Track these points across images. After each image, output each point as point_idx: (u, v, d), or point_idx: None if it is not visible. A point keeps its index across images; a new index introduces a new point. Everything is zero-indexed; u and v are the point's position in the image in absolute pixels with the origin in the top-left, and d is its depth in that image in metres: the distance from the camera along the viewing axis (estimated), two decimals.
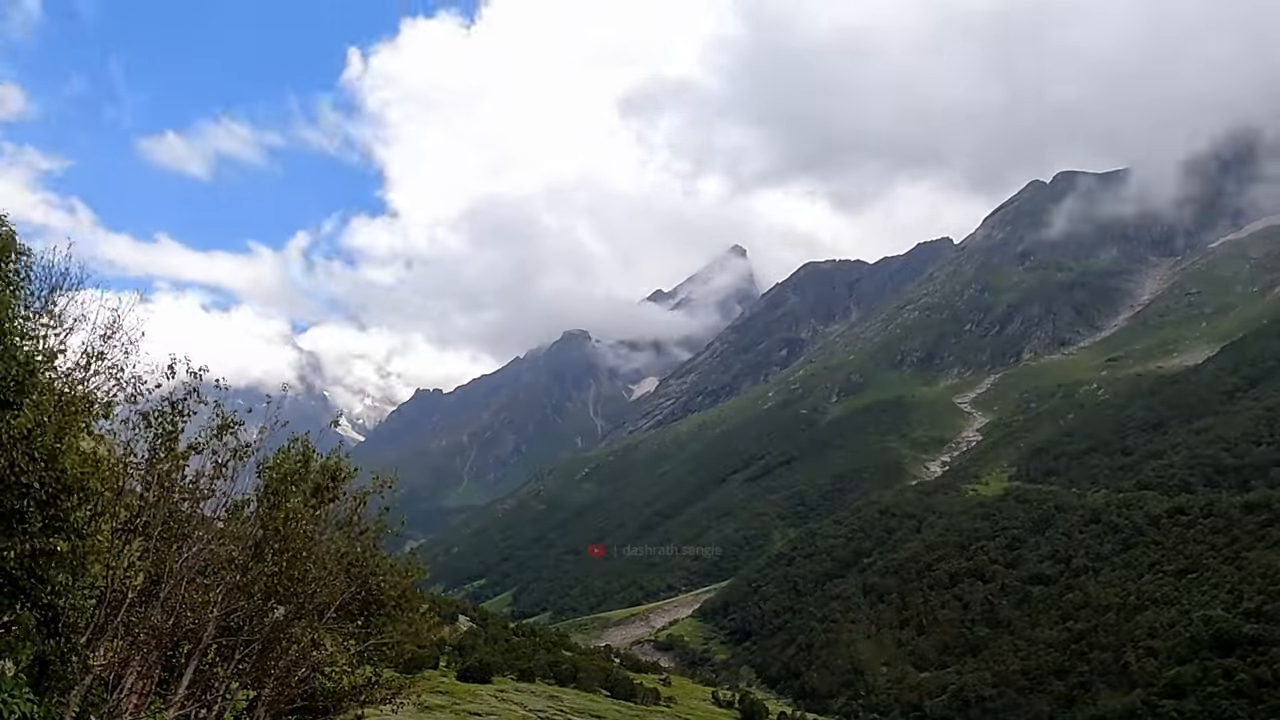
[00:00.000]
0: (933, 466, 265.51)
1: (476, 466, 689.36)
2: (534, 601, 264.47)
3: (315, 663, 20.68)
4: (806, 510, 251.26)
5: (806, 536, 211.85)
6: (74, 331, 17.44)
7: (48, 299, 16.84)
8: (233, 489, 19.85)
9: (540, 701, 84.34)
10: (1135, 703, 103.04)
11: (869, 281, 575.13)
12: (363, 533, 22.88)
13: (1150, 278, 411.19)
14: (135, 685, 17.81)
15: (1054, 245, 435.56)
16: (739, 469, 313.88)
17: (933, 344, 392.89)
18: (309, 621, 20.33)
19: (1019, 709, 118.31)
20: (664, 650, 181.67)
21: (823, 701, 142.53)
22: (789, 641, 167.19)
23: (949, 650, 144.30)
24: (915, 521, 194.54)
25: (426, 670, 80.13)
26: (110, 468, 16.94)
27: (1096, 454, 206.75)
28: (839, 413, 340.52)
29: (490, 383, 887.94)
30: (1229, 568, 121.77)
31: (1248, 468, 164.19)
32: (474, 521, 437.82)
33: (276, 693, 20.05)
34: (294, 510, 19.54)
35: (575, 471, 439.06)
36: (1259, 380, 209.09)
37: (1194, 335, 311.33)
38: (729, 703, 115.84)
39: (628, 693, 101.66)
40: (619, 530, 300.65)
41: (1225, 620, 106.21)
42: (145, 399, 18.36)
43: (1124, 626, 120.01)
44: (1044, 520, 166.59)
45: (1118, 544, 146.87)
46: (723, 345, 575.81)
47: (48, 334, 16.36)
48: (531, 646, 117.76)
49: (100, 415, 17.12)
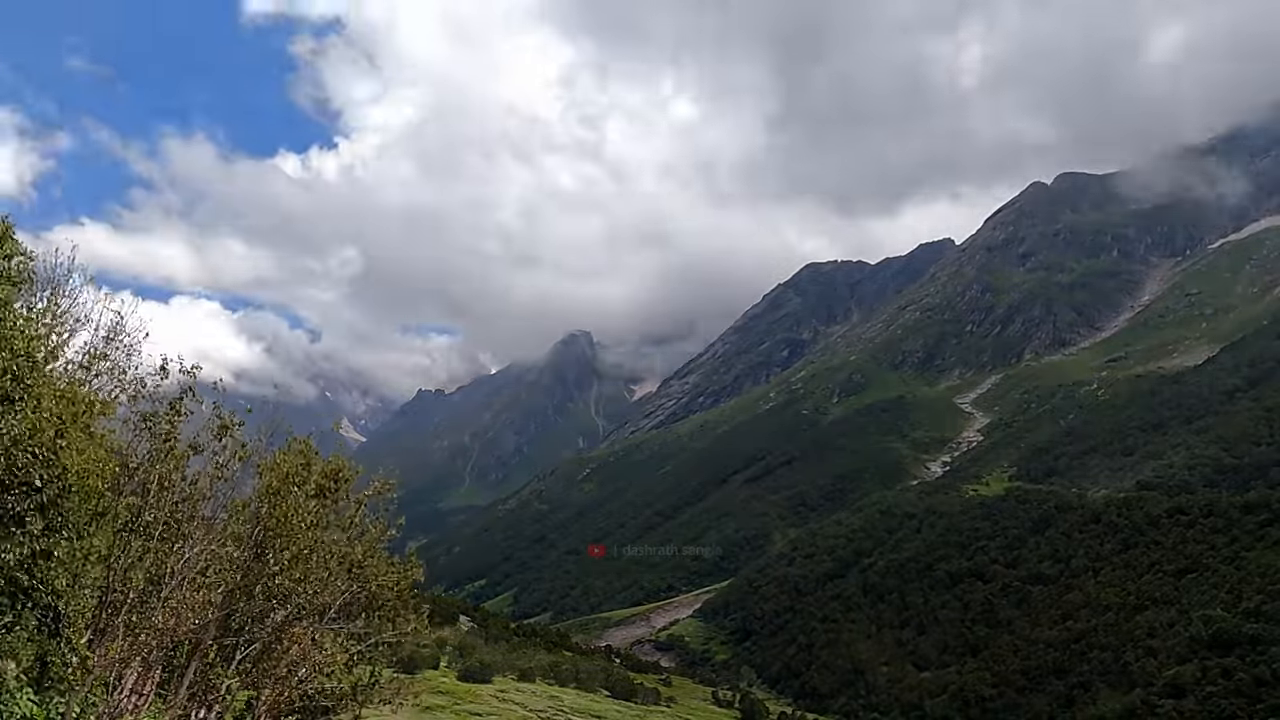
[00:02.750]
0: (933, 466, 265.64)
1: (478, 467, 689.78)
2: (535, 602, 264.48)
3: (316, 663, 20.78)
4: (807, 510, 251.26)
5: (807, 536, 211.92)
6: (76, 333, 17.59)
7: (50, 299, 16.99)
8: (233, 490, 19.99)
9: (541, 702, 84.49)
10: (1135, 702, 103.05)
11: (871, 282, 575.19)
12: (363, 534, 22.98)
13: (1151, 278, 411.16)
14: (136, 686, 17.93)
15: (1055, 246, 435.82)
16: (740, 469, 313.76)
17: (934, 344, 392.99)
18: (310, 622, 20.45)
19: (1019, 709, 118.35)
20: (664, 650, 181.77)
21: (823, 701, 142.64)
22: (789, 641, 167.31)
23: (949, 650, 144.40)
24: (916, 521, 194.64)
25: (427, 670, 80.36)
26: (111, 468, 17.09)
27: (1097, 454, 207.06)
28: (840, 413, 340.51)
29: (492, 383, 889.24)
30: (1228, 568, 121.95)
31: (1248, 468, 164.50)
32: (475, 522, 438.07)
33: (277, 693, 20.13)
34: (294, 510, 19.67)
35: (577, 472, 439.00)
36: (1259, 381, 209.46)
37: (1194, 336, 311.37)
38: (729, 703, 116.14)
39: (628, 693, 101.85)
40: (620, 530, 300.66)
41: (1225, 620, 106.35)
42: (145, 400, 18.51)
43: (1124, 626, 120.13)
44: (1044, 520, 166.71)
45: (1118, 544, 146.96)
46: (724, 346, 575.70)
47: (49, 333, 16.50)
48: (532, 647, 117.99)
49: (101, 414, 17.27)
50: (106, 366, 17.86)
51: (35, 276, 16.30)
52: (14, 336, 14.40)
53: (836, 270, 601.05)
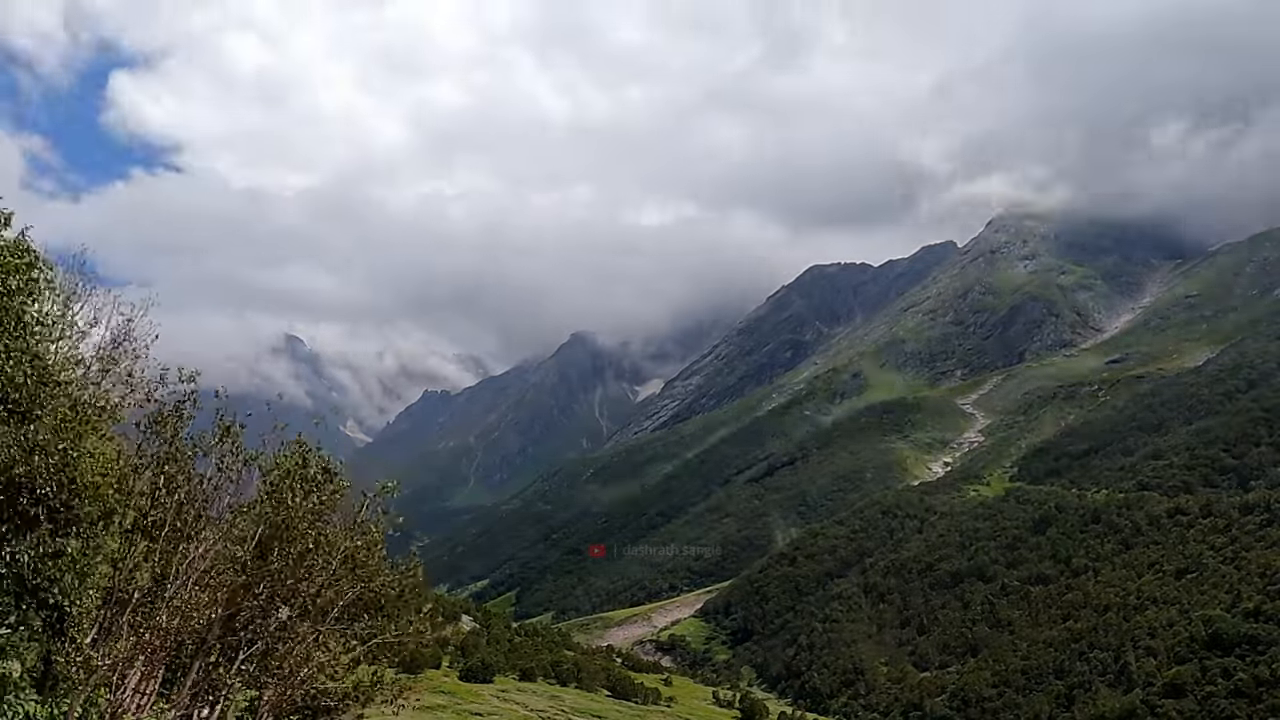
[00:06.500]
0: (935, 467, 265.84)
1: (483, 467, 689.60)
2: (537, 601, 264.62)
3: (318, 663, 21.06)
4: (809, 510, 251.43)
5: (808, 536, 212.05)
6: (87, 336, 17.97)
7: (64, 307, 17.33)
8: (237, 490, 20.31)
9: (542, 701, 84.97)
10: (1134, 702, 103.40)
11: (874, 284, 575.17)
12: (364, 533, 23.15)
13: (1151, 280, 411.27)
14: (139, 685, 18.21)
15: (1056, 248, 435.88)
16: (742, 469, 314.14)
17: (936, 346, 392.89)
18: (313, 622, 20.76)
19: (1019, 709, 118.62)
20: (665, 650, 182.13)
21: (823, 701, 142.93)
22: (790, 641, 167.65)
23: (949, 650, 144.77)
24: (917, 521, 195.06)
25: (429, 670, 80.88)
26: (120, 470, 17.46)
27: (1097, 455, 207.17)
28: (842, 414, 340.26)
29: (497, 384, 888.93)
30: (1228, 568, 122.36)
31: (1247, 468, 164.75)
32: (479, 522, 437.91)
33: (279, 693, 20.30)
34: (297, 509, 19.95)
35: (580, 472, 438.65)
36: (1258, 382, 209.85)
37: (1194, 337, 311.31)
38: (729, 703, 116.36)
39: (629, 692, 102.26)
40: (622, 530, 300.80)
41: (1224, 620, 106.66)
42: (155, 403, 18.88)
43: (1124, 626, 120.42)
44: (1044, 520, 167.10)
45: (1118, 544, 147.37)
46: (728, 348, 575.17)
47: (62, 342, 16.88)
48: (533, 646, 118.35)
49: (111, 418, 17.65)
50: (116, 370, 18.18)
51: (52, 284, 16.59)
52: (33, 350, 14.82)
53: (840, 272, 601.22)
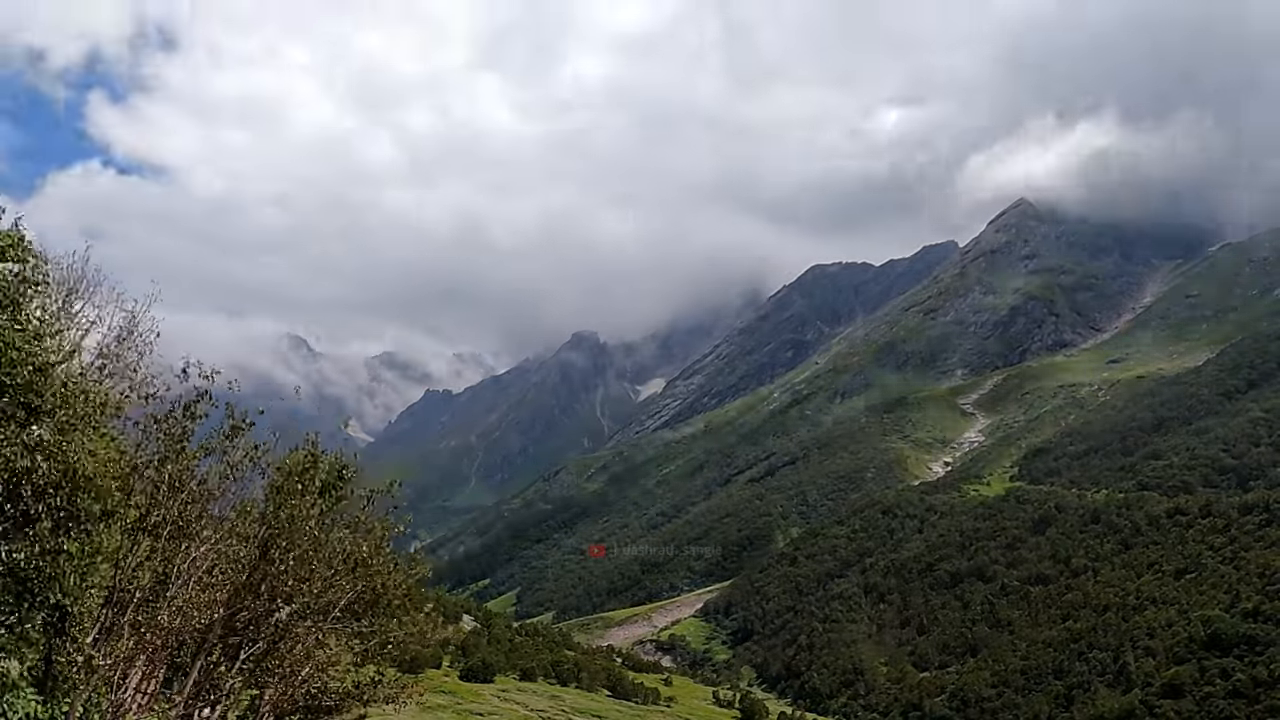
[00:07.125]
0: (935, 467, 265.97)
1: (484, 467, 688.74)
2: (537, 601, 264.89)
3: (320, 662, 21.05)
4: (809, 510, 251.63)
5: (809, 536, 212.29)
6: (89, 333, 17.91)
7: (65, 302, 17.30)
8: (242, 490, 20.28)
9: (542, 701, 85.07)
10: (1134, 702, 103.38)
11: (875, 284, 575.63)
12: (369, 532, 23.08)
13: (1151, 280, 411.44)
14: (140, 684, 18.19)
15: (1057, 248, 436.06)
16: (743, 469, 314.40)
17: (936, 345, 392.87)
18: (314, 621, 20.76)
19: (1018, 709, 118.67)
20: (666, 650, 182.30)
21: (823, 701, 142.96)
22: (790, 641, 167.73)
23: (949, 650, 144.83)
24: (917, 521, 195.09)
25: (429, 670, 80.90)
26: (121, 468, 17.45)
27: (1097, 455, 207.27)
28: (843, 413, 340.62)
29: (498, 384, 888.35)
30: (1227, 568, 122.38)
31: (1246, 468, 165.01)
32: (480, 521, 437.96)
33: (281, 692, 20.26)
34: (300, 507, 19.93)
35: (581, 472, 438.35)
36: (1258, 382, 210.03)
37: (1194, 337, 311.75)
38: (729, 702, 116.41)
39: (629, 692, 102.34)
40: (623, 530, 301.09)
41: (1223, 620, 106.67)
42: (158, 401, 18.81)
43: (1123, 626, 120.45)
44: (1044, 520, 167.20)
45: (1117, 544, 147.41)
46: (729, 347, 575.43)
47: (61, 338, 16.83)
48: (534, 646, 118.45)
49: (113, 415, 17.59)
50: (118, 367, 18.10)
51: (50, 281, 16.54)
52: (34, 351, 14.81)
53: (841, 272, 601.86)
